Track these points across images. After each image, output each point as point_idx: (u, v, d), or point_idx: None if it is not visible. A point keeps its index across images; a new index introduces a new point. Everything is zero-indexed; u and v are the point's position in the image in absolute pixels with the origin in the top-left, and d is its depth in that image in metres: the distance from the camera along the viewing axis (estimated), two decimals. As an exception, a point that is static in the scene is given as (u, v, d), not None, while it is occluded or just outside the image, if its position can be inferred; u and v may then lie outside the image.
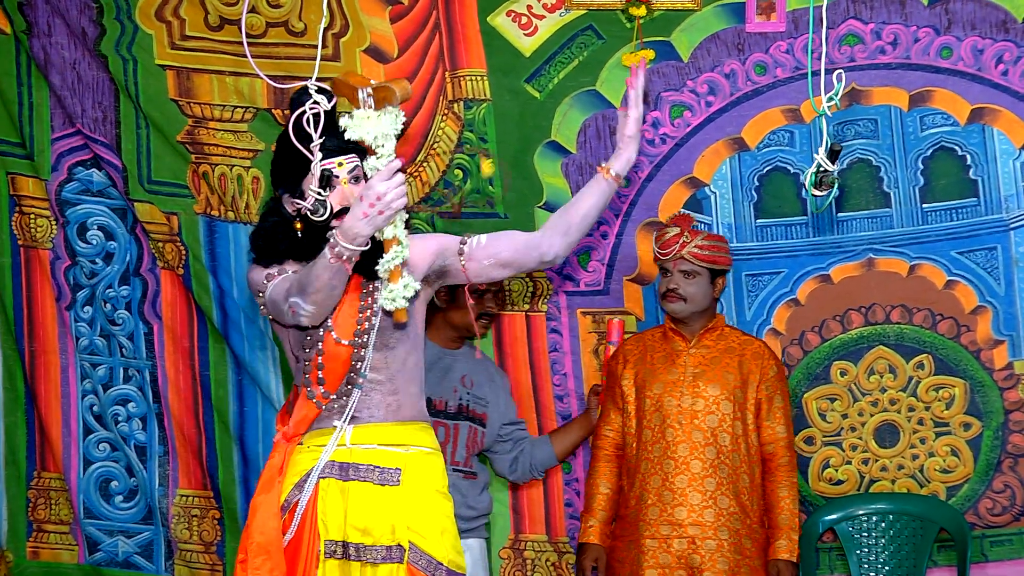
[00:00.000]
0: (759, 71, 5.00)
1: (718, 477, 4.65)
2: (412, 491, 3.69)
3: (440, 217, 5.12)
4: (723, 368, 4.76)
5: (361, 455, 3.68)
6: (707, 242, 4.76)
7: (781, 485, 4.74)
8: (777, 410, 4.78)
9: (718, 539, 4.61)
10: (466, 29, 5.04)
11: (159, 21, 5.04)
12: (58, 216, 5.22)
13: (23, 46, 5.10)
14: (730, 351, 4.80)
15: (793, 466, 4.78)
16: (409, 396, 3.75)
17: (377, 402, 3.71)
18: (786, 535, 4.69)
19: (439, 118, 5.09)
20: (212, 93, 5.07)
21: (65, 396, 5.32)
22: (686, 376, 4.75)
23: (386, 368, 3.72)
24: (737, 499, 4.67)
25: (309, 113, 3.57)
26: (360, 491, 3.66)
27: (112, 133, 5.12)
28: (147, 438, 5.31)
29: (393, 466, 3.68)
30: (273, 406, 5.15)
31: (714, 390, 4.72)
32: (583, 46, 5.03)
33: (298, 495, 3.69)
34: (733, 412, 4.72)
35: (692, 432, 4.68)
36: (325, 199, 3.59)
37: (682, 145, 5.07)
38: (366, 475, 3.67)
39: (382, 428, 3.71)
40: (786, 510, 4.71)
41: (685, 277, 4.75)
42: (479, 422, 4.90)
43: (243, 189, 5.12)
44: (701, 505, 4.63)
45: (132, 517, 5.35)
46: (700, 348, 4.80)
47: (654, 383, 4.77)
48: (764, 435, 4.76)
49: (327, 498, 3.67)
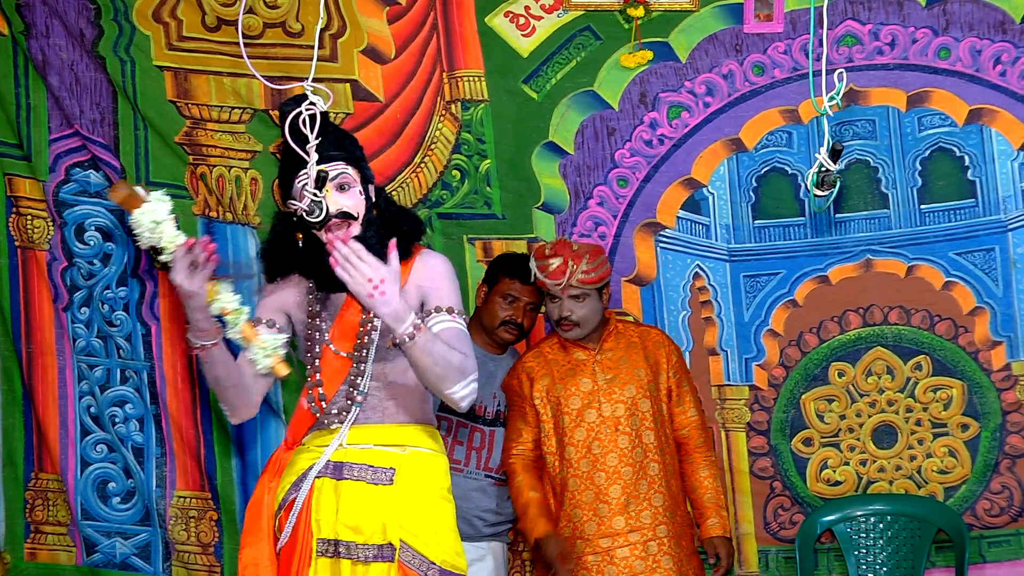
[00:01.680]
0: (757, 72, 5.04)
1: (648, 477, 4.67)
2: (407, 491, 3.73)
3: (439, 219, 5.16)
4: (632, 365, 4.76)
5: (356, 455, 3.74)
6: (591, 264, 4.67)
7: (700, 466, 4.79)
8: (686, 394, 4.82)
9: (658, 538, 4.64)
10: (464, 30, 5.08)
11: (156, 22, 5.06)
12: (55, 217, 5.23)
13: (21, 47, 5.11)
14: (632, 347, 4.79)
15: (709, 446, 4.83)
16: (409, 401, 3.80)
17: (375, 406, 3.77)
18: (715, 512, 4.74)
19: (436, 119, 5.13)
20: (210, 94, 5.09)
21: (62, 397, 5.32)
22: (600, 384, 4.73)
23: (384, 377, 3.78)
24: (668, 492, 4.70)
25: (305, 114, 3.64)
26: (352, 489, 3.72)
27: (110, 134, 5.13)
28: (144, 439, 5.32)
29: (387, 466, 3.74)
30: (272, 408, 5.17)
31: (630, 391, 4.71)
32: (581, 47, 5.07)
33: (294, 494, 3.74)
34: (651, 407, 4.73)
35: (618, 439, 4.68)
36: (321, 200, 3.63)
37: (680, 146, 5.11)
38: (359, 474, 3.73)
39: (379, 429, 3.77)
40: (710, 489, 4.77)
41: (576, 301, 4.69)
42: None
43: (241, 190, 5.14)
44: (637, 509, 4.65)
45: (129, 518, 5.36)
46: (604, 353, 4.77)
47: (570, 397, 4.72)
48: (677, 421, 4.80)
49: (321, 497, 3.73)
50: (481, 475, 4.89)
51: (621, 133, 5.12)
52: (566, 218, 5.17)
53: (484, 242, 5.19)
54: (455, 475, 4.76)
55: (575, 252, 4.66)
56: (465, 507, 4.76)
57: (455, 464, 4.82)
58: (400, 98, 5.12)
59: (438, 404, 4.77)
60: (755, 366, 5.17)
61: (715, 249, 5.15)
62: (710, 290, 5.16)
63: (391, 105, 5.12)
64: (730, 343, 5.14)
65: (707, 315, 5.17)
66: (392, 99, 5.12)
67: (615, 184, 5.13)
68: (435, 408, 4.74)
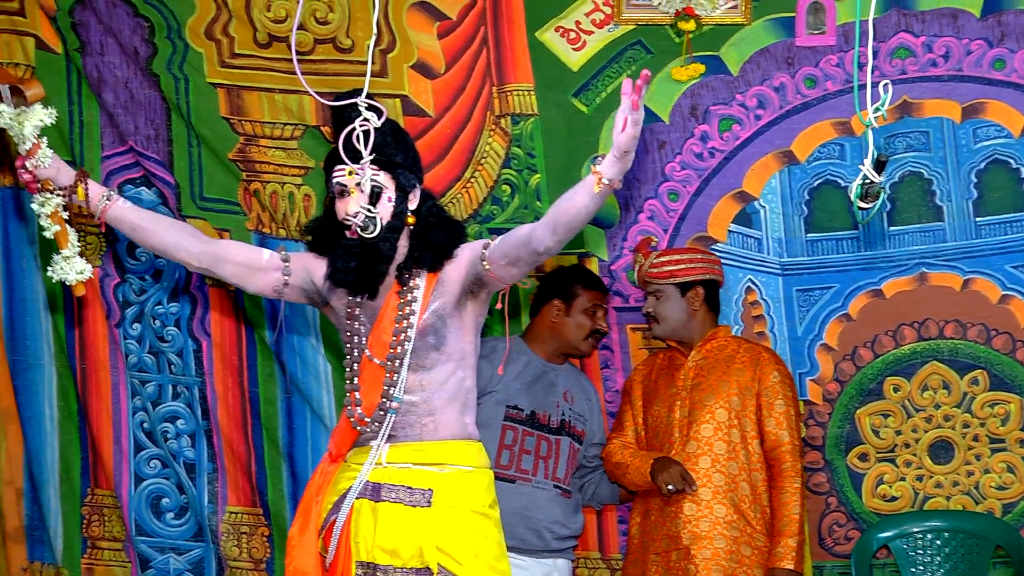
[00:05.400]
0: (809, 84, 5.11)
1: (713, 486, 4.77)
2: (445, 512, 3.74)
3: (489, 234, 5.20)
4: (719, 377, 4.88)
5: (394, 475, 3.76)
6: (661, 259, 4.90)
7: (784, 491, 4.81)
8: (779, 415, 4.86)
9: (713, 548, 4.72)
10: (514, 44, 5.19)
11: (209, 39, 5.22)
12: (107, 233, 5.31)
13: (74, 65, 5.28)
14: (729, 359, 4.92)
15: (797, 471, 4.83)
16: (448, 415, 3.81)
17: (413, 422, 3.78)
18: (784, 542, 4.74)
19: (486, 133, 5.24)
20: (262, 111, 5.24)
21: (116, 413, 5.45)
22: (684, 388, 4.90)
23: (422, 390, 3.79)
24: (735, 507, 4.77)
25: (359, 130, 3.71)
26: (389, 512, 3.74)
27: (164, 151, 5.28)
28: (196, 455, 5.45)
29: (425, 487, 3.75)
30: (323, 423, 5.28)
31: (709, 399, 4.84)
32: (632, 60, 5.16)
33: (335, 515, 3.79)
34: (729, 420, 4.83)
35: (687, 443, 4.82)
36: (375, 216, 3.71)
37: (731, 159, 5.19)
38: (397, 496, 3.75)
39: (417, 447, 3.79)
40: (787, 516, 4.77)
41: (654, 298, 4.93)
42: (578, 439, 5.06)
43: (294, 206, 5.27)
44: (696, 516, 4.75)
45: (183, 534, 5.49)
46: (699, 360, 4.94)
47: (655, 399, 4.94)
48: (768, 441, 4.86)
49: (360, 519, 3.75)
50: (549, 484, 4.99)
51: (672, 146, 5.21)
52: (617, 232, 5.26)
53: (535, 257, 5.30)
54: (523, 484, 4.91)
55: (652, 248, 4.94)
56: (534, 518, 4.90)
57: (523, 474, 4.95)
58: (450, 113, 5.25)
59: (502, 414, 4.96)
60: (809, 381, 5.23)
61: (767, 263, 5.22)
62: (762, 304, 5.24)
63: (441, 120, 5.25)
64: (784, 358, 5.16)
65: (760, 330, 5.25)
66: (442, 114, 5.24)
67: (666, 198, 5.23)
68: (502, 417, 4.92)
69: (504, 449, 4.96)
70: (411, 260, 3.80)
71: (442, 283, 3.81)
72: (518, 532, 4.79)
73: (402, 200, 3.80)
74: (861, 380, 5.23)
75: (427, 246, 3.82)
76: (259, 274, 3.85)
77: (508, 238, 3.71)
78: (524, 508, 4.88)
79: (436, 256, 3.82)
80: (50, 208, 3.69)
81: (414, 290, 3.80)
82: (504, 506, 4.12)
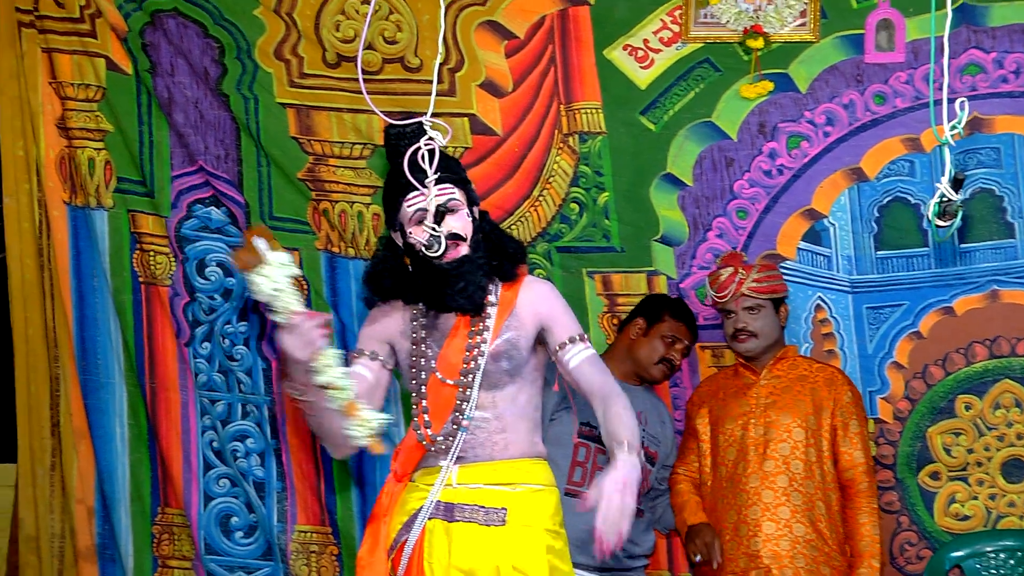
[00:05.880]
0: (878, 101, 5.12)
1: (791, 505, 4.77)
2: (518, 531, 3.76)
3: (557, 252, 5.31)
4: (794, 396, 4.88)
5: (466, 495, 3.77)
6: (763, 273, 4.93)
7: (861, 512, 4.82)
8: (854, 436, 4.87)
9: (794, 567, 4.72)
10: (581, 62, 5.23)
11: (278, 60, 5.29)
12: (177, 253, 5.41)
13: (145, 85, 5.35)
14: (802, 379, 4.92)
15: (873, 492, 4.86)
16: (518, 433, 3.83)
17: (483, 441, 3.80)
18: (867, 563, 4.76)
19: (554, 152, 5.28)
20: (331, 130, 5.30)
21: (185, 432, 5.49)
22: (758, 407, 4.89)
23: (493, 407, 3.81)
24: (813, 526, 4.77)
25: (424, 150, 3.71)
26: (464, 532, 3.75)
27: (234, 170, 5.34)
28: (265, 474, 5.48)
29: (499, 505, 3.77)
30: (391, 441, 5.20)
31: (786, 418, 4.84)
32: (700, 78, 5.19)
33: (405, 535, 3.79)
34: (806, 439, 4.83)
35: (764, 462, 4.81)
36: (440, 235, 3.71)
37: (800, 176, 5.20)
38: (471, 515, 3.76)
39: (489, 467, 3.80)
40: (867, 536, 4.79)
41: (750, 313, 4.92)
42: (651, 460, 5.05)
43: (363, 225, 5.32)
44: (776, 535, 4.74)
45: (252, 553, 5.51)
46: (771, 379, 4.93)
47: (726, 418, 4.92)
48: (842, 462, 4.86)
49: (433, 540, 3.76)
50: None
51: (740, 164, 5.23)
52: (685, 250, 5.28)
53: (603, 275, 5.32)
54: None
55: (745, 263, 4.93)
56: None
57: None
58: (518, 131, 5.29)
59: (576, 431, 4.96)
60: (879, 399, 5.22)
61: (837, 281, 5.22)
62: (832, 322, 5.23)
63: (509, 139, 5.29)
64: (853, 376, 5.17)
65: (830, 348, 5.24)
66: (510, 132, 5.29)
67: (734, 215, 5.25)
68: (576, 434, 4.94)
69: (577, 466, 4.97)
70: (483, 270, 3.82)
71: (516, 316, 3.84)
72: (590, 549, 4.78)
73: (471, 214, 3.85)
74: (932, 398, 5.21)
75: (502, 254, 3.86)
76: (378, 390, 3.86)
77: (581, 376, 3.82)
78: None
79: (511, 264, 3.87)
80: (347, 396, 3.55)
81: (486, 306, 3.83)
82: (576, 523, 4.16)
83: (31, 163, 5.46)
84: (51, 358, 5.55)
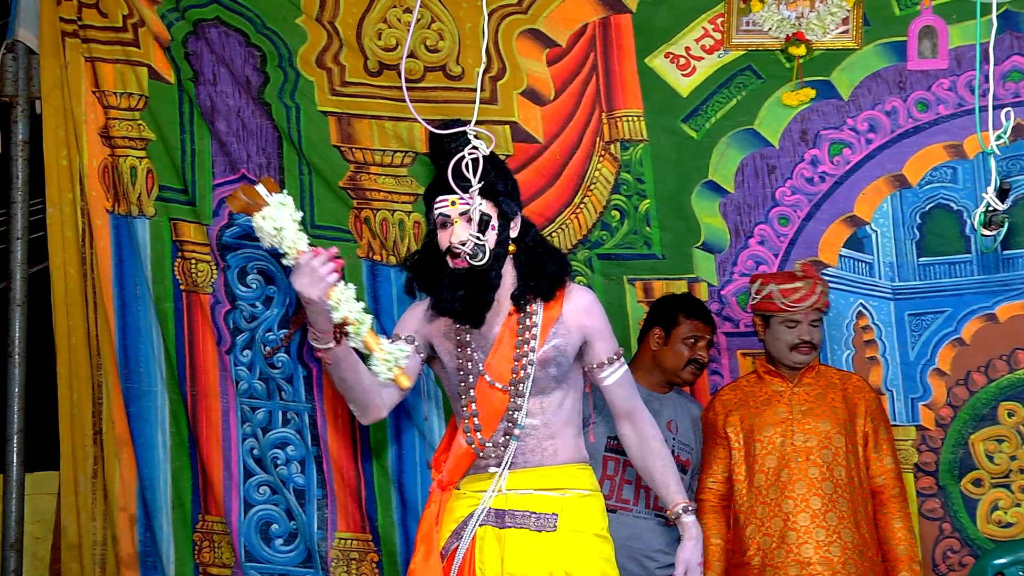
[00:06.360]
0: (921, 108, 5.14)
1: (838, 511, 4.78)
2: (569, 536, 3.81)
3: (599, 259, 5.33)
4: (830, 403, 4.88)
5: (517, 501, 3.82)
6: (825, 287, 4.94)
7: (896, 517, 4.85)
8: (883, 442, 4.91)
9: (846, 572, 4.73)
10: (623, 70, 5.25)
11: (320, 68, 5.31)
12: (219, 261, 5.44)
13: (187, 94, 5.38)
14: (832, 387, 4.92)
15: (904, 497, 4.89)
16: (566, 439, 3.88)
17: (533, 447, 3.84)
18: (907, 566, 4.80)
19: (596, 159, 5.29)
20: (372, 138, 5.32)
21: (226, 440, 5.52)
22: (795, 414, 4.88)
23: (542, 413, 3.85)
24: (858, 531, 4.79)
25: (468, 158, 3.75)
26: (517, 538, 3.80)
27: (276, 179, 5.35)
28: (306, 481, 5.50)
29: (550, 511, 3.81)
30: (432, 448, 5.25)
31: (825, 425, 4.84)
32: (742, 86, 5.21)
33: (456, 542, 3.83)
34: (845, 445, 4.84)
35: (808, 469, 4.81)
36: (484, 244, 3.75)
37: (842, 183, 5.21)
38: (523, 521, 3.80)
39: (539, 472, 3.85)
40: (904, 541, 4.83)
41: (813, 326, 4.90)
42: (683, 468, 5.05)
43: (404, 233, 5.34)
44: (827, 541, 4.75)
45: (292, 560, 5.54)
46: (802, 387, 4.92)
47: (763, 426, 4.89)
48: (873, 468, 4.89)
49: (484, 546, 3.80)
50: (651, 514, 5.02)
51: (782, 171, 5.25)
52: (727, 257, 5.30)
53: (644, 282, 5.35)
54: (624, 514, 4.95)
55: (818, 276, 4.93)
56: (636, 547, 4.94)
57: (623, 504, 5.00)
58: (559, 139, 5.31)
59: (604, 444, 4.99)
60: (922, 406, 5.24)
61: (879, 287, 5.23)
62: (874, 329, 5.25)
63: (550, 146, 5.31)
64: (895, 383, 5.21)
65: (871, 354, 5.26)
66: (551, 140, 5.31)
67: (776, 222, 5.27)
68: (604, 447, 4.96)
69: (606, 479, 4.99)
70: (527, 288, 3.85)
71: (562, 324, 3.87)
72: (621, 562, 4.74)
73: (504, 228, 3.84)
74: (975, 405, 5.22)
75: (542, 275, 3.87)
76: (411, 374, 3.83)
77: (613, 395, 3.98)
78: (626, 538, 4.89)
79: (550, 286, 3.88)
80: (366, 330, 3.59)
81: (532, 316, 3.86)
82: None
83: (74, 172, 5.50)
84: (94, 366, 5.59)
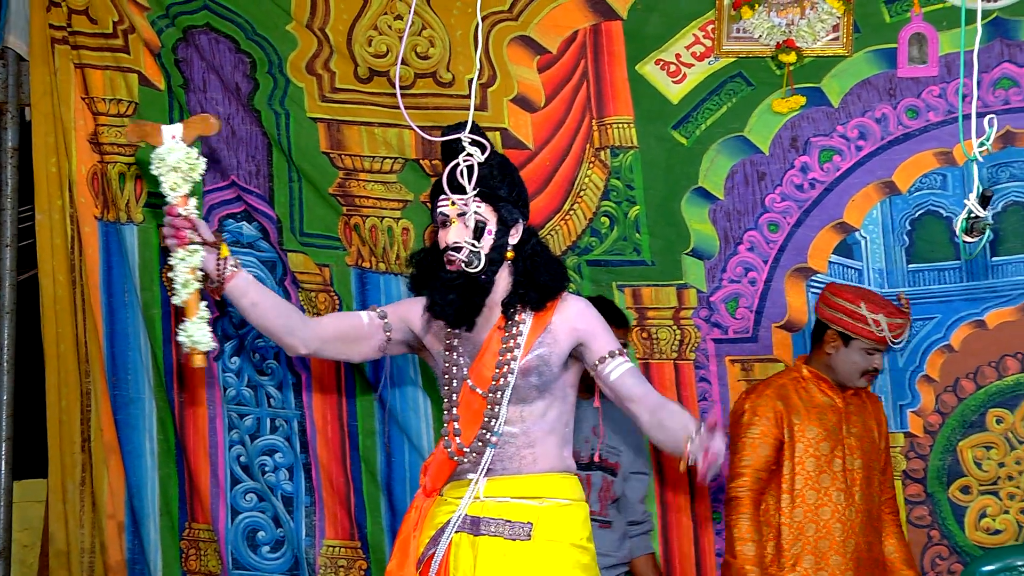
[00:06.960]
0: (911, 115, 5.15)
1: (894, 520, 4.87)
2: (544, 545, 3.76)
3: (588, 265, 5.34)
4: (865, 421, 4.85)
5: (493, 508, 3.79)
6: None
7: (897, 533, 4.91)
8: (889, 462, 4.96)
9: None
10: (614, 77, 5.26)
11: (310, 74, 5.32)
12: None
13: (177, 101, 5.38)
14: (863, 407, 4.88)
15: (899, 517, 4.96)
16: (547, 447, 3.83)
17: (512, 454, 3.80)
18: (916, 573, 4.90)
19: (585, 166, 5.30)
20: (362, 145, 5.33)
21: (213, 447, 5.53)
22: (847, 426, 4.79)
23: (522, 421, 3.81)
24: (900, 543, 4.87)
25: (463, 165, 3.73)
26: (490, 546, 3.76)
27: (266, 186, 5.37)
28: (294, 488, 5.51)
29: (524, 520, 3.77)
30: (422, 455, 5.30)
31: (865, 443, 4.81)
32: (732, 93, 5.22)
33: (433, 548, 3.81)
34: (884, 461, 4.89)
35: (869, 485, 4.78)
36: (479, 251, 3.73)
37: (832, 190, 5.22)
38: (496, 529, 3.77)
39: (517, 480, 3.81)
40: (908, 547, 4.91)
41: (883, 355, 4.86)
42: (611, 471, 5.03)
43: (393, 240, 5.35)
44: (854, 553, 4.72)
45: (279, 567, 5.55)
46: (850, 403, 4.85)
47: (812, 436, 4.76)
48: (884, 488, 4.90)
49: (459, 553, 3.77)
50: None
51: (772, 178, 5.26)
52: (716, 264, 5.30)
53: (633, 289, 5.35)
54: None
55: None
56: None
57: None
58: (549, 146, 5.32)
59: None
60: (910, 413, 5.25)
61: (868, 294, 5.26)
62: (864, 336, 5.28)
63: (540, 153, 5.32)
64: (884, 389, 5.21)
65: (861, 361, 5.29)
66: (542, 147, 5.32)
67: (766, 229, 5.28)
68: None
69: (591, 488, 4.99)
70: (516, 297, 3.83)
71: (550, 332, 3.83)
72: None
73: (503, 234, 3.81)
74: (963, 412, 5.25)
75: (533, 285, 3.83)
76: (363, 342, 3.85)
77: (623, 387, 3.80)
78: None
79: (541, 296, 3.84)
80: (196, 262, 3.52)
81: (519, 324, 3.83)
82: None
83: (63, 179, 5.51)
84: (82, 373, 5.61)
